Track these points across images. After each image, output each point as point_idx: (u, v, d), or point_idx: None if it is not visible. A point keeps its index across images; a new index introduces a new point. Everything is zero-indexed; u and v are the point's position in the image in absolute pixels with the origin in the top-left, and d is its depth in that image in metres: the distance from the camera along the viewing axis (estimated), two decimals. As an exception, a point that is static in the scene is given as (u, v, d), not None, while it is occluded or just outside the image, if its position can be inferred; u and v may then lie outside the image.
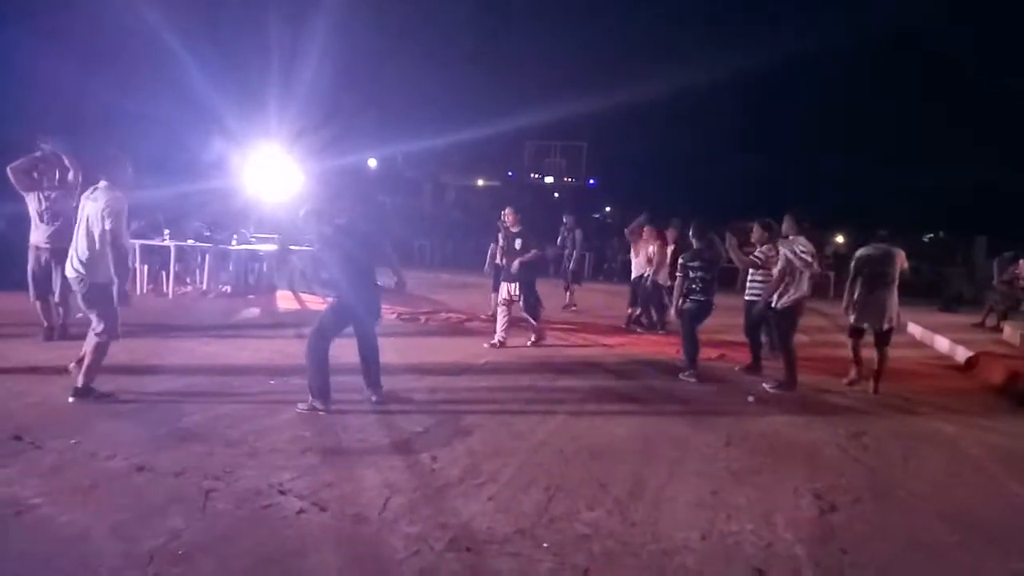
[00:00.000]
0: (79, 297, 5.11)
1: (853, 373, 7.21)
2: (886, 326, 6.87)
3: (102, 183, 5.13)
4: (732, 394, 6.52)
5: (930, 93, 24.30)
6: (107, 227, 4.87)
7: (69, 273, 5.10)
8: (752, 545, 3.33)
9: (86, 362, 5.01)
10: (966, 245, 22.21)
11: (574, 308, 12.21)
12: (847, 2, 24.93)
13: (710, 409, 5.93)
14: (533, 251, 8.27)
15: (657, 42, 25.35)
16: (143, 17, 13.56)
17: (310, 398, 5.06)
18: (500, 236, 8.72)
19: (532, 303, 8.36)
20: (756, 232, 7.79)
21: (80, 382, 4.96)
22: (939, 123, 23.98)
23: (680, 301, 7.15)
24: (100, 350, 5.03)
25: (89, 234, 4.99)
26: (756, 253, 7.59)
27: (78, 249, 5.04)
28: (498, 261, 9.01)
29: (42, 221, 6.70)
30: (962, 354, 9.15)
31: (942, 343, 10.18)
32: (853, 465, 4.64)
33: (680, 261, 7.26)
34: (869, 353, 7.10)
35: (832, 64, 22.40)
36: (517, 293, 8.25)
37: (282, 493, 3.54)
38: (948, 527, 3.69)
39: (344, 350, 5.50)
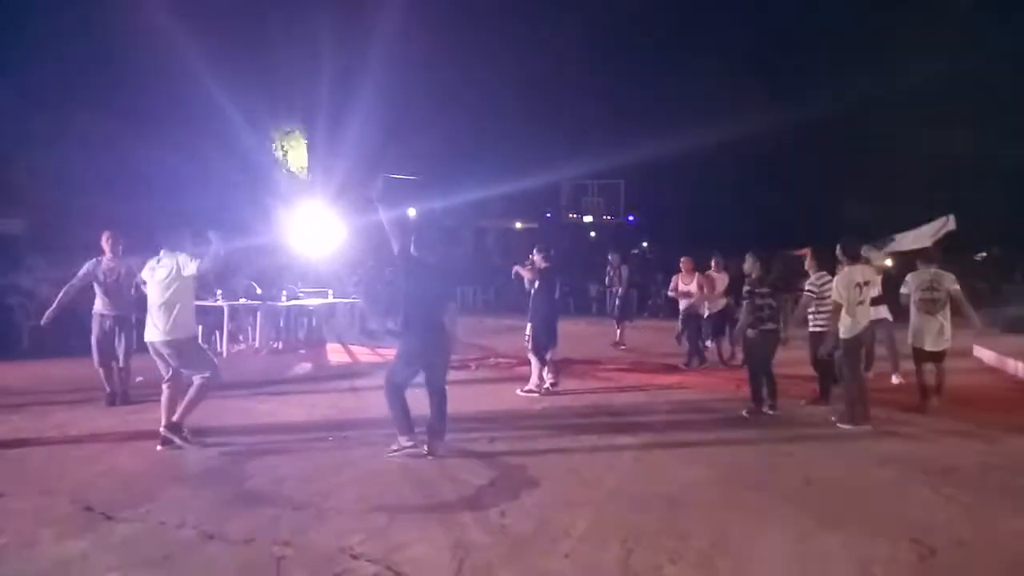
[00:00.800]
0: (174, 360, 5.34)
1: (928, 402, 7.03)
2: (942, 347, 7.09)
3: (163, 252, 5.35)
4: (801, 430, 6.26)
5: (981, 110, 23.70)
6: (204, 269, 5.39)
7: (155, 338, 5.30)
8: (854, 598, 3.11)
9: (188, 398, 5.30)
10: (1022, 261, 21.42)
11: (623, 347, 12.00)
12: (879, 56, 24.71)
13: (782, 448, 5.68)
14: (537, 282, 7.90)
15: (690, 81, 25.24)
16: (186, 77, 14.00)
17: (399, 437, 5.21)
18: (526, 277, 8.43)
19: (539, 344, 7.82)
20: (808, 259, 7.63)
21: (176, 416, 5.25)
22: (979, 141, 23.38)
23: (748, 332, 6.93)
24: (203, 391, 5.35)
25: (165, 298, 5.27)
26: (808, 284, 7.42)
27: (157, 316, 5.27)
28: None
29: (104, 292, 6.86)
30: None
31: (1016, 367, 9.70)
32: (947, 504, 4.36)
33: (746, 289, 7.06)
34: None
35: (874, 97, 22.07)
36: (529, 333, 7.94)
37: (354, 558, 3.44)
38: (1066, 570, 3.41)
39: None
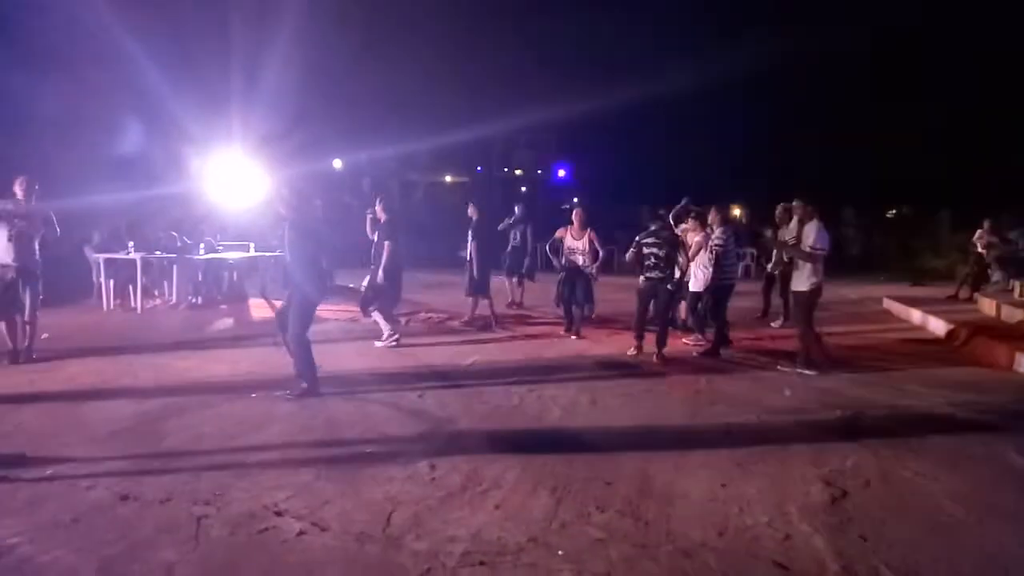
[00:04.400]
0: None
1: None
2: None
3: None
4: (721, 381, 6.47)
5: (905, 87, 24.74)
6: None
7: None
8: (771, 539, 3.24)
9: None
10: (932, 220, 22.52)
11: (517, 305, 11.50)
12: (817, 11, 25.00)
13: (703, 398, 5.85)
14: (386, 243, 7.86)
15: (621, 38, 25.22)
16: (98, 17, 13.03)
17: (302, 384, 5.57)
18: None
19: (368, 296, 7.96)
20: (712, 215, 8.03)
21: None
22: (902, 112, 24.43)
23: (640, 280, 7.36)
24: None
25: None
26: (714, 238, 7.80)
27: None
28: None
29: (8, 240, 6.39)
30: (941, 327, 9.23)
31: (919, 317, 10.27)
32: (855, 448, 4.57)
33: (636, 240, 7.40)
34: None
35: (804, 62, 22.47)
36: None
37: (279, 514, 3.36)
38: (962, 507, 3.63)
39: (338, 359, 5.43)
